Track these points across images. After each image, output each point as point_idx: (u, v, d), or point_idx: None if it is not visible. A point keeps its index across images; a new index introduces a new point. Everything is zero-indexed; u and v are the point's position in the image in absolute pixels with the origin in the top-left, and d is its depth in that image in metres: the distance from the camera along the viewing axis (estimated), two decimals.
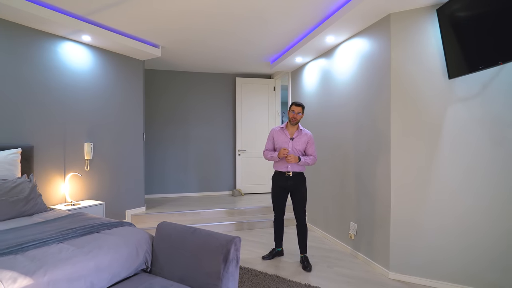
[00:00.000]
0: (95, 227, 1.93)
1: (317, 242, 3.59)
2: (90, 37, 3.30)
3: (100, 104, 3.65)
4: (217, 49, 4.13)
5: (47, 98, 3.12)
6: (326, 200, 3.77)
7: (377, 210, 2.83)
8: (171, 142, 5.35)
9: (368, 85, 2.95)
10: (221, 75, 5.59)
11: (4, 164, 2.51)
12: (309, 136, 2.97)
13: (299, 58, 4.12)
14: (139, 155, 4.16)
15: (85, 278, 1.49)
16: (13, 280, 1.27)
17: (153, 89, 5.28)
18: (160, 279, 1.70)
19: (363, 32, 3.02)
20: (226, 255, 1.61)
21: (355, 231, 3.14)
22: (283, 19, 3.16)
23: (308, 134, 2.98)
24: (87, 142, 3.49)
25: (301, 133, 2.96)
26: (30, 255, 1.50)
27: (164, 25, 3.30)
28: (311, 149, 2.96)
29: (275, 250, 3.15)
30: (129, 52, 3.84)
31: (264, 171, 5.57)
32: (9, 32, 2.83)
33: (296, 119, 2.90)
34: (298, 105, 2.90)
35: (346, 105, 3.32)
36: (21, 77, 2.92)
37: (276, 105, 5.68)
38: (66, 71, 3.29)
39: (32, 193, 2.44)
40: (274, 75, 5.62)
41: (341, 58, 3.43)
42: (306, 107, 4.29)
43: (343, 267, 2.88)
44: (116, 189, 3.85)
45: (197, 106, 5.48)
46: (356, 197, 3.14)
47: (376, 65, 2.83)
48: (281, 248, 3.17)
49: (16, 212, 2.28)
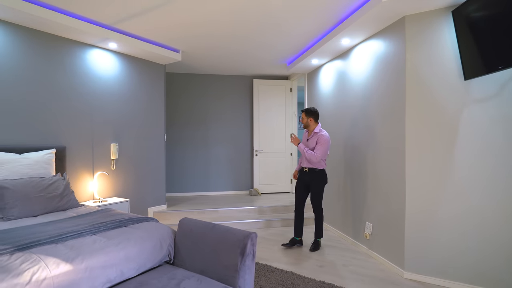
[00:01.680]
0: (123, 222, 2.10)
1: (333, 241, 3.64)
2: (116, 44, 3.52)
3: (125, 107, 3.87)
4: (235, 52, 4.27)
5: (77, 102, 3.36)
6: (342, 200, 3.81)
7: (392, 210, 2.86)
8: (190, 143, 5.55)
9: (383, 86, 2.99)
10: (238, 77, 5.73)
11: (41, 163, 2.75)
12: (319, 136, 3.24)
13: (315, 60, 4.18)
14: (160, 155, 4.37)
15: (116, 266, 1.65)
16: (57, 265, 1.44)
17: (173, 91, 5.49)
18: (182, 271, 1.84)
19: (378, 34, 3.05)
20: (243, 249, 1.73)
21: (370, 230, 3.18)
22: (299, 24, 3.24)
23: (320, 134, 3.23)
24: (113, 143, 3.71)
25: (315, 135, 3.28)
26: (69, 244, 1.67)
27: (184, 32, 3.46)
28: (316, 147, 3.21)
29: (294, 238, 3.42)
30: (151, 57, 4.04)
31: (281, 171, 5.66)
32: (45, 43, 3.08)
33: (302, 123, 3.38)
34: (302, 111, 3.37)
35: (361, 106, 3.36)
36: (56, 83, 3.16)
37: (293, 106, 5.76)
38: (94, 76, 3.52)
39: (66, 190, 2.65)
40: (290, 77, 5.69)
41: (356, 60, 3.47)
42: (322, 107, 4.36)
43: (358, 266, 2.93)
44: (139, 187, 4.06)
45: (216, 107, 5.64)
46: (371, 197, 3.18)
47: (391, 67, 2.86)
48: (299, 238, 3.42)
49: (52, 207, 2.50)
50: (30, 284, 1.33)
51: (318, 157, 3.16)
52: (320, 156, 3.17)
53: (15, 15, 2.71)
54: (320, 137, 3.20)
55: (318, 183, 3.27)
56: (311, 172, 3.28)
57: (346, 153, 3.69)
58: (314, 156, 3.16)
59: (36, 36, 3.01)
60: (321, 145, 3.17)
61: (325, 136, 3.19)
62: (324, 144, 3.17)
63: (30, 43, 2.97)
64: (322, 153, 3.17)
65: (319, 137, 3.21)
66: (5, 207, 2.28)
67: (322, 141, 3.18)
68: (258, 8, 2.89)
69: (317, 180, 3.26)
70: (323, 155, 3.19)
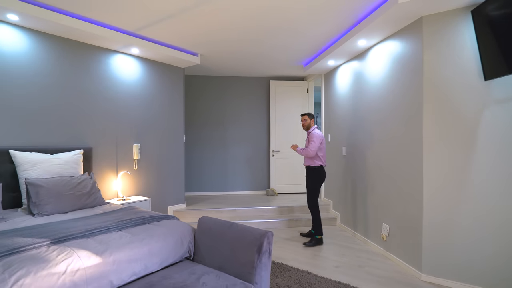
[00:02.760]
0: (146, 219, 2.21)
1: (349, 242, 3.65)
2: (138, 50, 3.68)
3: (146, 109, 4.03)
4: (252, 55, 4.35)
5: (102, 106, 3.54)
6: (358, 201, 3.81)
7: (409, 211, 2.85)
8: (208, 143, 5.68)
9: (400, 87, 2.98)
10: (255, 78, 5.81)
11: (71, 163, 2.93)
12: (310, 134, 3.60)
13: (331, 61, 4.19)
14: (180, 156, 4.51)
15: (141, 261, 1.76)
16: (88, 257, 1.57)
17: (191, 93, 5.65)
18: (201, 266, 1.93)
19: (395, 35, 3.04)
20: (259, 247, 1.80)
21: (387, 232, 3.17)
22: (316, 26, 3.28)
23: (312, 133, 3.60)
24: (135, 144, 3.88)
25: (309, 134, 3.65)
26: (98, 239, 1.80)
27: (203, 37, 3.58)
28: (309, 144, 3.55)
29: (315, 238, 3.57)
30: (171, 61, 4.19)
31: (298, 171, 5.69)
32: (74, 50, 3.27)
33: (303, 125, 3.71)
34: (301, 115, 3.73)
35: (378, 107, 3.35)
36: (83, 88, 3.36)
37: (310, 107, 5.78)
38: (117, 81, 3.69)
39: (93, 189, 2.82)
40: (307, 78, 5.72)
41: (373, 60, 3.46)
42: (339, 108, 4.37)
43: (374, 267, 2.93)
44: (160, 186, 4.22)
45: (233, 108, 5.75)
46: (388, 198, 3.17)
47: (408, 68, 2.85)
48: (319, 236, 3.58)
49: (81, 204, 2.66)
50: (66, 274, 1.46)
51: (311, 151, 3.48)
52: (313, 150, 3.48)
53: (48, 26, 2.91)
54: (311, 134, 3.58)
55: (312, 180, 3.57)
56: (308, 169, 3.63)
57: (362, 154, 3.69)
58: (307, 151, 3.50)
59: (65, 44, 3.21)
60: (312, 140, 3.52)
61: (315, 133, 3.56)
62: (315, 139, 3.50)
63: (60, 51, 3.17)
64: (314, 147, 3.48)
65: (311, 135, 3.58)
66: (40, 204, 2.45)
67: (313, 137, 3.53)
68: (276, 12, 2.96)
69: (311, 178, 3.58)
70: (316, 148, 3.49)
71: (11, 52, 2.84)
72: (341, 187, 4.33)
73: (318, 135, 3.54)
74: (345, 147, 4.18)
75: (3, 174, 2.70)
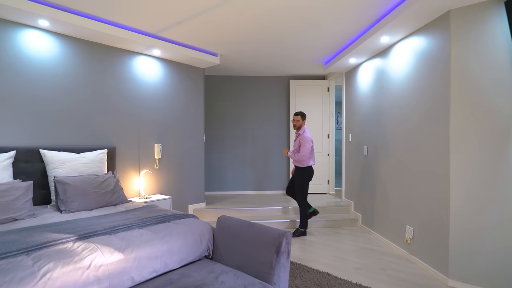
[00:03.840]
0: (167, 217, 2.25)
1: (371, 244, 3.55)
2: (160, 51, 3.76)
3: (167, 110, 4.11)
4: (272, 54, 4.33)
5: (125, 106, 3.65)
6: (380, 203, 3.70)
7: (435, 213, 2.73)
8: (228, 142, 5.72)
9: (425, 84, 2.86)
10: (275, 77, 5.78)
11: (96, 162, 3.04)
12: (301, 137, 3.69)
13: (352, 59, 4.10)
14: (200, 155, 4.57)
15: (161, 258, 1.79)
16: (111, 253, 1.62)
17: (211, 93, 5.71)
18: (220, 265, 1.94)
19: (420, 31, 2.93)
20: (278, 247, 1.78)
21: (411, 234, 3.06)
22: (336, 23, 3.21)
23: (302, 136, 3.67)
24: (156, 143, 3.97)
25: (299, 136, 3.74)
26: (120, 236, 1.85)
27: (222, 37, 3.60)
28: (300, 148, 3.66)
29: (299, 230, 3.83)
30: (191, 61, 4.25)
31: (318, 171, 5.61)
32: (98, 52, 3.39)
33: (295, 125, 3.79)
34: (295, 114, 3.78)
35: (402, 105, 3.23)
36: (107, 89, 3.47)
37: (330, 106, 5.68)
38: (140, 82, 3.79)
39: (116, 187, 2.91)
40: (327, 76, 5.62)
41: (396, 57, 3.35)
42: (361, 107, 4.27)
43: (397, 270, 2.84)
44: (180, 185, 4.29)
45: (252, 108, 5.75)
46: (412, 200, 3.05)
47: (434, 64, 2.73)
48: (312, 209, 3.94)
49: (105, 202, 2.75)
50: (90, 268, 1.51)
51: (303, 157, 3.62)
52: (306, 155, 3.61)
53: (75, 30, 3.03)
54: (302, 138, 3.67)
55: (300, 179, 3.74)
56: (296, 168, 3.81)
57: (385, 154, 3.58)
58: (300, 156, 3.64)
59: (91, 47, 3.34)
60: (303, 145, 3.63)
61: (305, 136, 3.64)
62: (305, 144, 3.62)
63: (86, 54, 3.30)
64: (306, 152, 3.61)
65: (301, 138, 3.68)
66: (67, 201, 2.56)
67: (303, 142, 3.64)
68: (297, 11, 2.93)
69: (299, 176, 3.75)
70: (308, 153, 3.62)
71: (41, 57, 2.98)
72: (362, 188, 4.22)
73: (308, 139, 3.65)
74: (366, 146, 4.07)
75: (34, 172, 2.84)
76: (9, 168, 2.57)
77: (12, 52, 2.80)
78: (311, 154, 3.69)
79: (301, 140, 3.66)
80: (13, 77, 2.80)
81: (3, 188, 2.28)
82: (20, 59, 2.85)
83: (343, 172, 4.95)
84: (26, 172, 2.79)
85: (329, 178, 5.66)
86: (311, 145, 3.65)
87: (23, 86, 2.86)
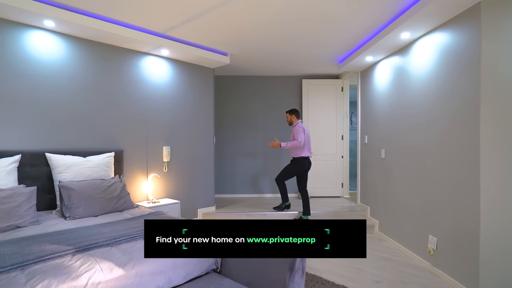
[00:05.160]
0: None
1: (390, 253, 3.34)
2: (168, 51, 3.65)
3: (176, 111, 4.01)
4: (284, 53, 4.16)
5: (133, 108, 3.55)
6: (399, 209, 3.48)
7: (463, 224, 2.51)
8: (239, 144, 5.58)
9: (452, 84, 2.64)
10: (287, 77, 5.61)
11: (102, 166, 2.95)
12: (293, 129, 4.13)
13: (369, 57, 3.89)
14: (210, 158, 4.45)
15: (164, 273, 1.66)
16: (110, 269, 1.50)
17: (222, 93, 5.58)
18: (228, 281, 1.80)
19: (445, 25, 2.71)
20: (292, 265, 1.62)
21: (434, 245, 2.84)
22: (351, 19, 3.02)
23: (294, 127, 4.13)
24: (165, 146, 3.87)
25: (292, 129, 4.15)
26: (122, 248, 1.73)
27: (233, 35, 3.46)
28: (294, 137, 4.05)
29: (283, 204, 4.37)
30: (201, 61, 4.12)
31: (332, 174, 5.42)
32: (105, 53, 3.31)
33: (287, 122, 4.24)
34: (286, 112, 4.28)
35: (424, 106, 3.02)
36: (114, 90, 3.38)
37: (344, 106, 5.47)
38: (148, 82, 3.69)
39: (122, 192, 2.81)
40: (342, 75, 5.41)
41: (417, 55, 3.13)
42: (378, 107, 4.06)
43: (420, 284, 2.63)
44: (189, 188, 4.18)
45: (264, 108, 5.59)
46: (436, 208, 2.84)
47: (461, 61, 2.51)
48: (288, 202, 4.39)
49: (110, 208, 2.66)
50: (87, 287, 1.39)
51: (298, 142, 3.93)
52: (300, 140, 3.92)
53: (81, 30, 2.95)
54: (294, 129, 4.10)
55: (291, 167, 4.17)
56: (293, 159, 4.17)
57: (404, 157, 3.36)
58: (295, 143, 3.95)
59: (98, 48, 3.25)
60: (296, 134, 4.00)
61: (297, 127, 4.05)
62: (297, 132, 3.98)
63: (93, 55, 3.22)
64: (301, 137, 3.94)
65: (293, 129, 4.10)
66: (72, 207, 2.47)
67: (295, 132, 4.03)
68: (309, 6, 2.76)
69: (292, 165, 4.16)
70: (303, 138, 3.94)
71: (47, 58, 2.91)
72: (379, 192, 4.01)
73: (301, 128, 4.00)
74: (384, 149, 3.86)
75: (40, 176, 2.77)
76: (13, 173, 2.50)
77: (18, 54, 2.74)
78: (307, 143, 4.03)
79: (293, 131, 4.06)
80: (18, 79, 2.74)
81: (5, 195, 2.21)
82: (25, 60, 2.78)
83: (358, 175, 4.73)
84: (32, 177, 2.72)
85: (343, 181, 5.45)
86: (303, 131, 3.98)
87: (29, 88, 2.80)
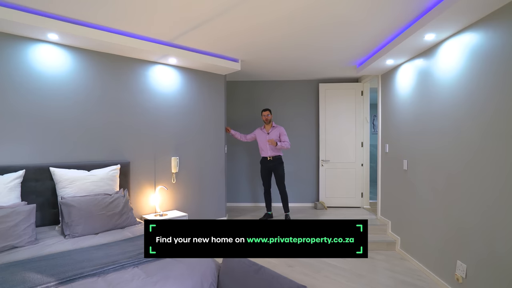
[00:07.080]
0: None
1: (412, 276, 3.03)
2: (175, 59, 3.55)
3: (185, 120, 3.90)
4: (298, 58, 3.94)
5: (141, 118, 3.48)
6: (423, 228, 3.16)
7: (500, 252, 2.18)
8: (252, 151, 5.40)
9: (483, 89, 2.31)
10: (302, 82, 5.37)
11: (106, 180, 2.89)
12: (281, 129, 4.39)
13: (390, 60, 3.58)
14: (221, 168, 4.31)
15: None
16: None
17: (234, 99, 5.43)
18: None
19: (476, 25, 2.38)
20: None
21: (464, 273, 2.52)
22: (370, 21, 2.76)
23: (279, 127, 4.40)
24: (173, 156, 3.77)
25: (275, 128, 4.38)
26: (108, 279, 1.62)
27: (243, 41, 3.30)
28: (283, 137, 4.32)
29: (267, 213, 4.46)
30: (210, 68, 3.99)
31: (350, 183, 5.12)
32: (111, 64, 3.25)
33: (268, 119, 4.38)
34: (265, 110, 4.43)
35: (453, 114, 2.69)
36: (121, 101, 3.32)
37: (365, 111, 5.14)
38: (156, 92, 3.61)
39: (125, 208, 2.72)
40: (361, 79, 5.10)
41: (444, 57, 2.81)
42: (400, 114, 3.75)
43: None
44: (199, 199, 4.06)
45: (278, 114, 5.37)
46: (466, 231, 2.51)
47: (495, 65, 2.19)
48: (270, 212, 4.49)
49: (112, 225, 2.58)
50: None
51: (288, 143, 4.30)
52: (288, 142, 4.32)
53: (86, 42, 2.90)
54: (281, 129, 4.38)
55: (280, 168, 4.33)
56: (275, 159, 4.32)
57: (430, 171, 3.04)
58: (289, 144, 4.31)
59: (103, 59, 3.20)
60: (285, 135, 4.34)
61: (282, 127, 4.41)
62: (285, 134, 4.34)
63: (99, 66, 3.17)
64: (288, 139, 4.34)
65: (281, 129, 4.37)
66: (72, 224, 2.41)
67: (284, 132, 4.37)
68: (324, 9, 2.53)
69: (279, 166, 4.34)
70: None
71: (52, 71, 2.88)
72: (401, 206, 3.69)
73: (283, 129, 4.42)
74: (406, 160, 3.53)
75: (45, 191, 2.75)
76: (16, 189, 2.48)
77: (23, 68, 2.72)
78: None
79: (280, 131, 4.34)
80: (24, 94, 2.72)
81: (3, 213, 2.17)
82: (30, 74, 2.76)
83: (379, 186, 4.41)
84: (37, 191, 2.70)
85: (363, 191, 5.13)
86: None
87: (34, 102, 2.78)
